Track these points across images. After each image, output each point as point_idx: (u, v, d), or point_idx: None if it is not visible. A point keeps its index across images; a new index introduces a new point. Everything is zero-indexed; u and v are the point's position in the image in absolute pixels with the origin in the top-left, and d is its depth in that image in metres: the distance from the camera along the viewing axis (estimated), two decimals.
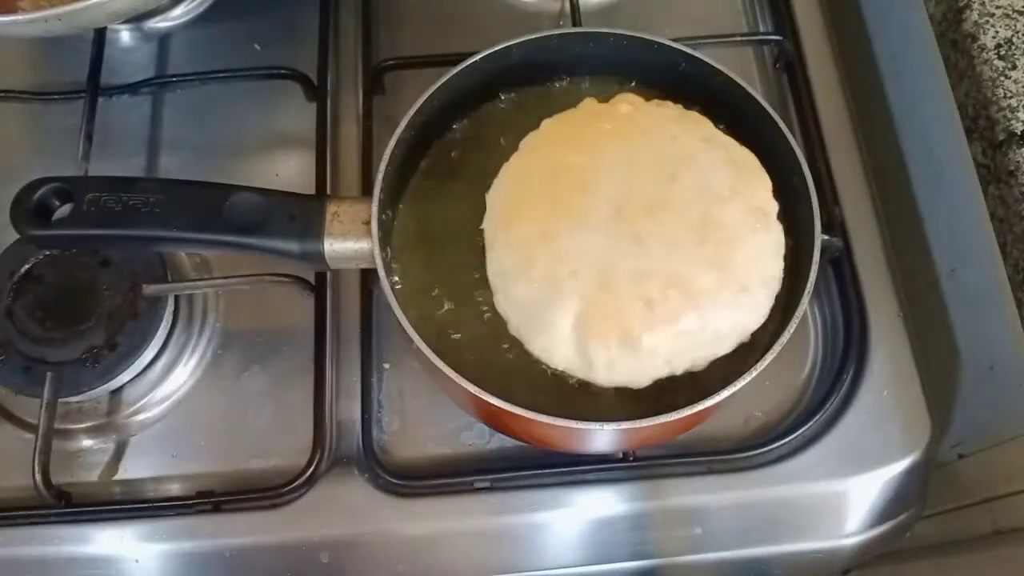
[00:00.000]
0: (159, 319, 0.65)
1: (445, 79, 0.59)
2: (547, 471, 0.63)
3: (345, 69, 0.77)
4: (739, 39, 0.78)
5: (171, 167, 0.74)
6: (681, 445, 0.63)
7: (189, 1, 0.81)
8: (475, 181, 0.61)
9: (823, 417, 0.64)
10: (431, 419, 0.65)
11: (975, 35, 0.63)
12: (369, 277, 0.66)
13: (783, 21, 0.77)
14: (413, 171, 0.62)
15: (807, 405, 0.65)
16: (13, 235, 0.56)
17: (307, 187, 0.70)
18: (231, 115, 0.76)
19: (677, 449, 0.63)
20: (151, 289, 0.65)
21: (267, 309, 0.69)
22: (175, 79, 0.77)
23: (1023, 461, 0.70)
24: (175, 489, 0.64)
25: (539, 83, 0.64)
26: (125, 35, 0.80)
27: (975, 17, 0.63)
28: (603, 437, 0.56)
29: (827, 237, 0.64)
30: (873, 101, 0.81)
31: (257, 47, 0.79)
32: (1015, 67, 0.61)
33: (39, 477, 0.61)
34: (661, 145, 0.55)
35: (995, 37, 0.62)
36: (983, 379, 0.71)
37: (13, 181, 0.56)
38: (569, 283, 0.51)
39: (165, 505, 0.62)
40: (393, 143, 0.57)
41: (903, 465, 0.64)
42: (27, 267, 0.67)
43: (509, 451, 0.64)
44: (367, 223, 0.54)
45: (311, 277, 0.67)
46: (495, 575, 0.62)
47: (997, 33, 0.62)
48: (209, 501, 0.62)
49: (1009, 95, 0.60)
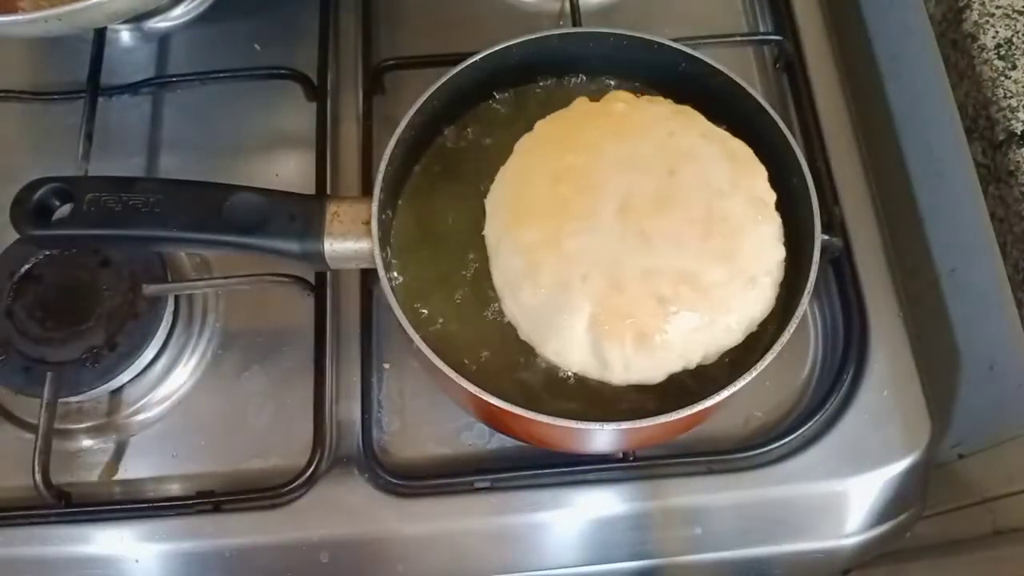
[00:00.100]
0: (159, 319, 0.66)
1: (445, 79, 0.59)
2: (547, 471, 0.63)
3: (345, 69, 0.77)
4: (739, 39, 0.78)
5: (171, 167, 0.74)
6: (681, 445, 0.63)
7: (189, 1, 0.81)
8: (475, 181, 0.61)
9: (823, 417, 0.64)
10: (431, 419, 0.65)
11: (975, 35, 0.63)
12: (369, 277, 0.66)
13: (783, 21, 0.77)
14: (413, 171, 0.62)
15: (807, 405, 0.65)
16: (13, 235, 0.56)
17: (307, 187, 0.70)
18: (231, 115, 0.76)
19: (677, 449, 0.63)
20: (151, 289, 0.65)
21: (267, 309, 0.69)
22: (175, 79, 0.77)
23: (1023, 461, 0.70)
24: (175, 489, 0.64)
25: (539, 83, 0.64)
26: (125, 35, 0.80)
27: (975, 17, 0.63)
28: (603, 437, 0.56)
29: (827, 237, 0.64)
30: (873, 101, 0.81)
31: (257, 47, 0.79)
32: (1015, 67, 0.61)
33: (39, 477, 0.61)
34: (658, 141, 0.55)
35: (995, 37, 0.62)
36: (983, 379, 0.71)
37: (13, 181, 0.56)
38: (580, 286, 0.51)
39: (165, 505, 0.62)
40: (393, 143, 0.57)
41: (903, 465, 0.64)
42: (27, 267, 0.67)
43: (509, 451, 0.64)
44: (367, 223, 0.54)
45: (311, 277, 0.67)
46: (495, 575, 0.62)
47: (997, 33, 0.62)
48: (209, 501, 0.62)
49: (1009, 95, 0.60)
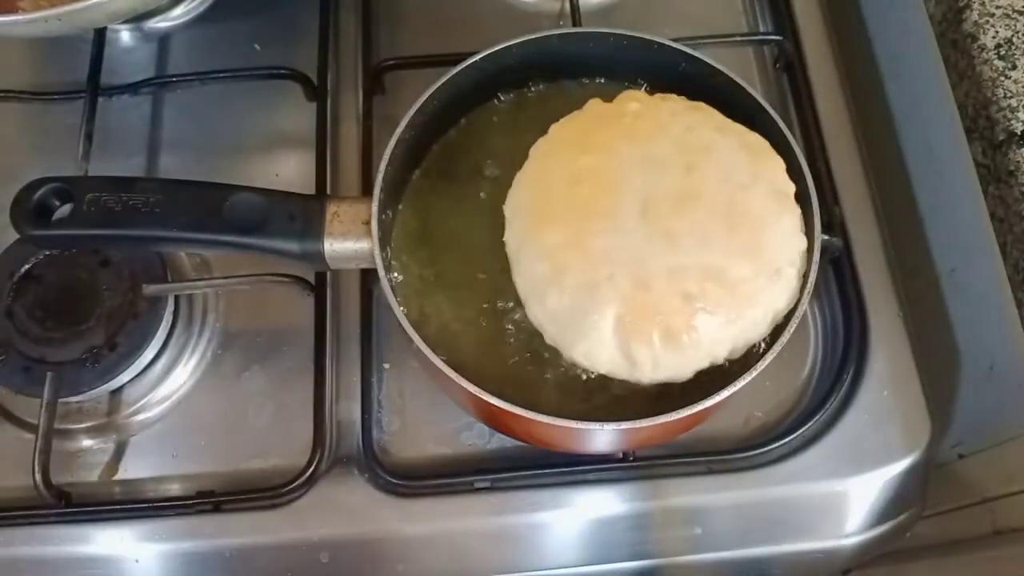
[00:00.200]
0: (159, 319, 0.66)
1: (445, 79, 0.59)
2: (547, 471, 0.63)
3: (345, 69, 0.77)
4: (739, 39, 0.78)
5: (171, 167, 0.74)
6: (681, 445, 0.63)
7: (189, 1, 0.81)
8: (476, 180, 0.61)
9: (823, 417, 0.64)
10: (431, 419, 0.65)
11: (975, 35, 0.63)
12: (369, 277, 0.66)
13: (783, 21, 0.77)
14: (413, 171, 0.62)
15: (807, 405, 0.65)
16: (13, 235, 0.56)
17: (307, 187, 0.70)
18: (231, 115, 0.76)
19: (677, 449, 0.63)
20: (151, 289, 0.65)
21: (267, 309, 0.69)
22: (175, 79, 0.77)
23: (1023, 461, 0.70)
24: (175, 489, 0.64)
25: (539, 83, 0.64)
26: (125, 35, 0.80)
27: (975, 17, 0.63)
28: (603, 437, 0.56)
29: (827, 237, 0.64)
30: (873, 101, 0.81)
31: (257, 47, 0.79)
32: (1015, 67, 0.61)
33: (39, 477, 0.61)
34: (676, 138, 0.55)
35: (995, 37, 0.62)
36: (983, 379, 0.71)
37: (13, 181, 0.56)
38: (607, 287, 0.51)
39: (165, 505, 0.62)
40: (393, 143, 0.57)
41: (903, 465, 0.64)
42: (27, 267, 0.67)
43: (509, 451, 0.64)
44: (367, 223, 0.54)
45: (311, 277, 0.67)
46: (495, 575, 0.62)
47: (997, 33, 0.62)
48: (209, 501, 0.62)
49: (1009, 95, 0.60)
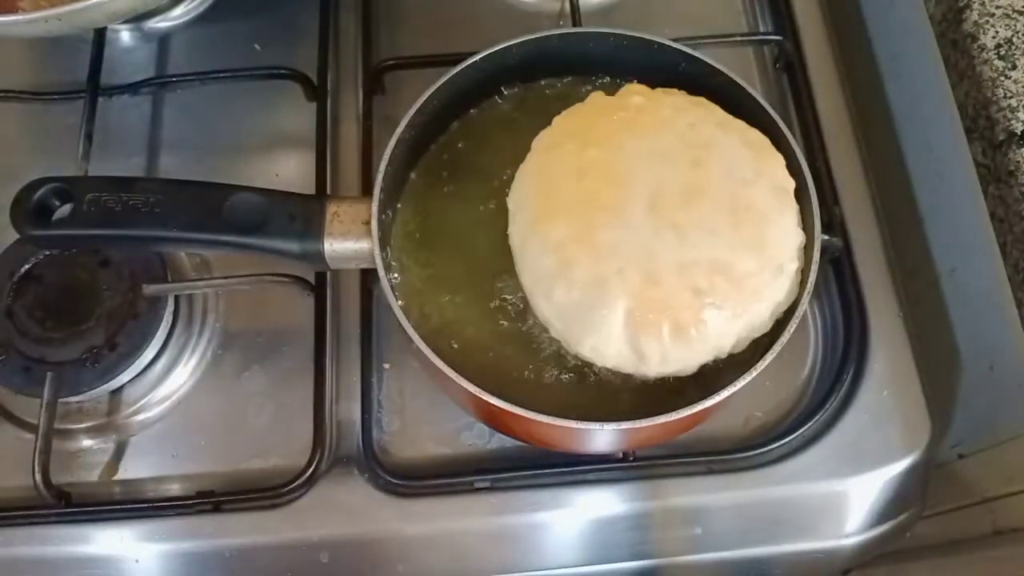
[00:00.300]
0: (159, 319, 0.65)
1: (445, 79, 0.59)
2: (547, 471, 0.63)
3: (345, 69, 0.77)
4: (739, 39, 0.78)
5: (171, 167, 0.74)
6: (681, 445, 0.63)
7: (189, 1, 0.81)
8: (476, 180, 0.61)
9: (823, 417, 0.64)
10: (431, 419, 0.65)
11: (975, 35, 0.63)
12: (369, 277, 0.66)
13: (783, 21, 0.77)
14: (413, 171, 0.62)
15: (807, 405, 0.65)
16: (13, 235, 0.56)
17: (307, 187, 0.70)
18: (231, 115, 0.76)
19: (677, 449, 0.63)
20: (151, 289, 0.65)
21: (267, 309, 0.69)
22: (175, 79, 0.77)
23: (1023, 461, 0.70)
24: (175, 489, 0.64)
25: (539, 83, 0.64)
26: (125, 35, 0.80)
27: (975, 17, 0.63)
28: (603, 437, 0.56)
29: (827, 237, 0.64)
30: (873, 101, 0.81)
31: (257, 47, 0.79)
32: (1015, 67, 0.61)
33: (39, 477, 0.61)
34: (680, 133, 0.55)
35: (995, 37, 0.62)
36: (983, 379, 0.71)
37: (13, 181, 0.56)
38: (617, 281, 0.51)
39: (165, 505, 0.62)
40: (393, 143, 0.57)
41: (903, 465, 0.64)
42: (27, 267, 0.67)
43: (509, 451, 0.64)
44: (367, 223, 0.54)
45: (311, 277, 0.67)
46: (495, 575, 0.62)
47: (997, 33, 0.62)
48: (209, 501, 0.62)
49: (1009, 95, 0.60)
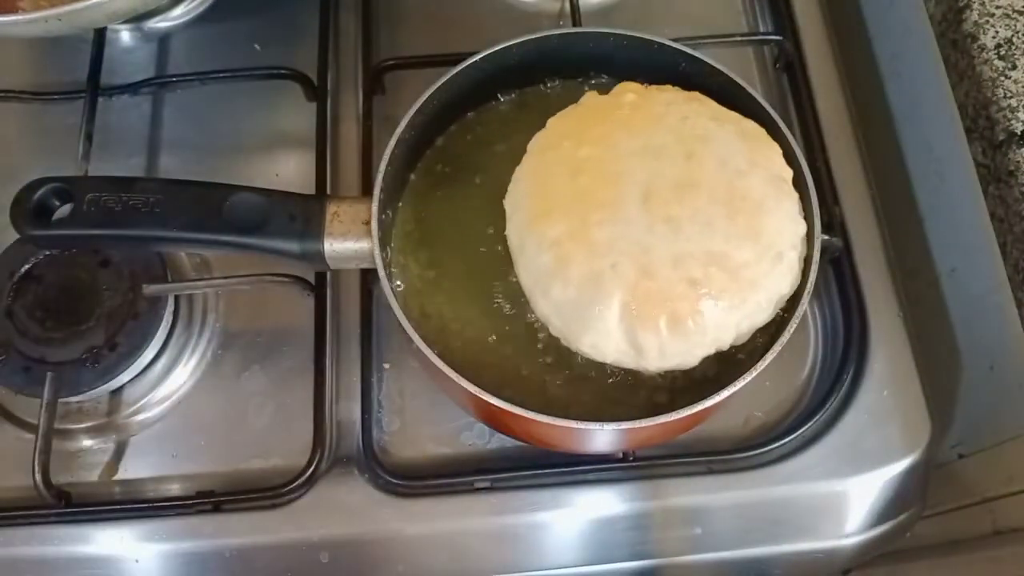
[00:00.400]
0: (159, 319, 0.65)
1: (445, 79, 0.59)
2: (547, 471, 0.63)
3: (345, 69, 0.77)
4: (739, 39, 0.78)
5: (171, 167, 0.74)
6: (681, 445, 0.63)
7: (189, 1, 0.81)
8: (476, 180, 0.61)
9: (823, 417, 0.64)
10: (431, 419, 0.65)
11: (975, 35, 0.63)
12: (369, 277, 0.66)
13: (783, 21, 0.77)
14: (413, 171, 0.62)
15: (807, 405, 0.65)
16: (13, 235, 0.56)
17: (307, 187, 0.70)
18: (231, 115, 0.76)
19: (677, 449, 0.63)
20: (151, 289, 0.65)
21: (267, 309, 0.69)
22: (175, 79, 0.77)
23: (1023, 461, 0.70)
24: (175, 489, 0.64)
25: (539, 83, 0.64)
26: (125, 35, 0.80)
27: (975, 17, 0.63)
28: (603, 437, 0.56)
29: (827, 237, 0.64)
30: (873, 101, 0.81)
31: (257, 47, 0.79)
32: (1015, 67, 0.61)
33: (39, 477, 0.61)
34: (672, 128, 0.55)
35: (995, 37, 0.62)
36: (983, 379, 0.71)
37: (13, 181, 0.56)
38: (611, 276, 0.51)
39: (165, 505, 0.62)
40: (393, 143, 0.57)
41: (903, 465, 0.64)
42: (27, 267, 0.67)
43: (509, 451, 0.64)
44: (367, 223, 0.54)
45: (311, 277, 0.67)
46: (495, 575, 0.62)
47: (997, 33, 0.62)
48: (209, 501, 0.62)
49: (1009, 95, 0.60)
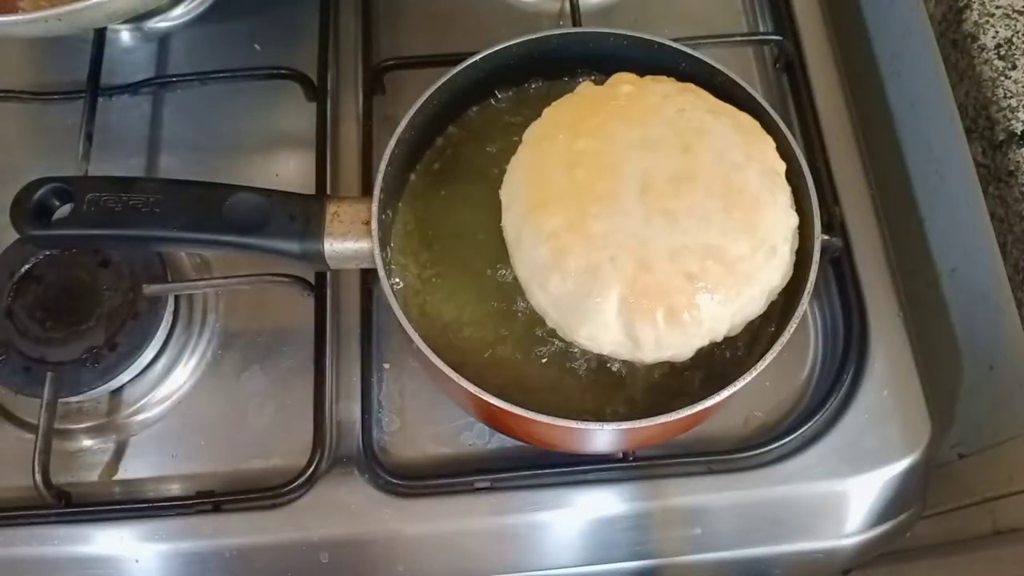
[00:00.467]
0: (159, 319, 0.65)
1: (445, 79, 0.59)
2: (547, 471, 0.63)
3: (345, 69, 0.77)
4: (739, 39, 0.78)
5: (171, 167, 0.74)
6: (681, 445, 0.63)
7: (189, 1, 0.81)
8: (475, 180, 0.61)
9: (823, 417, 0.64)
10: (431, 419, 0.65)
11: (975, 35, 0.63)
12: (369, 277, 0.66)
13: (783, 21, 0.77)
14: (413, 171, 0.62)
15: (807, 405, 0.65)
16: (13, 235, 0.56)
17: (307, 187, 0.70)
18: (231, 115, 0.76)
19: (677, 449, 0.63)
20: (151, 289, 0.65)
21: (267, 309, 0.69)
22: (175, 79, 0.77)
23: (1023, 461, 0.70)
24: (175, 489, 0.64)
25: (539, 83, 0.64)
26: (125, 35, 0.80)
27: (975, 17, 0.63)
28: (603, 437, 0.56)
29: (827, 237, 0.64)
30: (873, 101, 0.81)
31: (257, 47, 0.79)
32: (1015, 67, 0.61)
33: (39, 477, 0.61)
34: (669, 120, 0.55)
35: (995, 37, 0.62)
36: (983, 379, 0.71)
37: (13, 181, 0.56)
38: (609, 269, 0.51)
39: (165, 505, 0.62)
40: (393, 143, 0.57)
41: (903, 465, 0.64)
42: (27, 267, 0.67)
43: (509, 451, 0.64)
44: (367, 223, 0.54)
45: (311, 277, 0.67)
46: (495, 575, 0.62)
47: (997, 33, 0.62)
48: (209, 501, 0.62)
49: (1009, 95, 0.60)
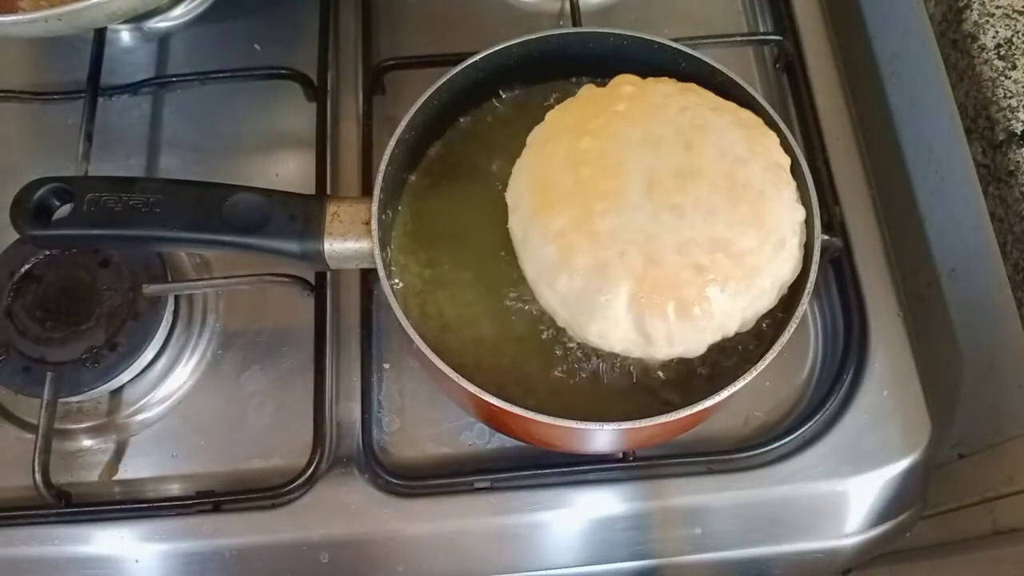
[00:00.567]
0: (159, 319, 0.65)
1: (445, 79, 0.59)
2: (547, 471, 0.63)
3: (345, 69, 0.77)
4: (739, 39, 0.78)
5: (171, 167, 0.74)
6: (681, 445, 0.63)
7: (189, 1, 0.81)
8: (476, 180, 0.61)
9: (823, 417, 0.64)
10: (431, 419, 0.65)
11: (975, 35, 0.63)
12: (369, 277, 0.66)
13: (783, 21, 0.77)
14: (413, 171, 0.62)
15: (807, 405, 0.65)
16: (13, 235, 0.56)
17: (307, 187, 0.70)
18: (231, 115, 0.76)
19: (677, 449, 0.63)
20: (151, 289, 0.65)
21: (267, 309, 0.69)
22: (175, 79, 0.77)
23: (1023, 461, 0.70)
24: (175, 489, 0.64)
25: (539, 83, 0.64)
26: (125, 35, 0.80)
27: (975, 17, 0.63)
28: (603, 437, 0.56)
29: (827, 237, 0.64)
30: (873, 101, 0.81)
31: (257, 47, 0.79)
32: (1015, 67, 0.61)
33: (39, 477, 0.61)
34: (672, 118, 0.55)
35: (995, 37, 0.62)
36: (983, 379, 0.71)
37: (13, 181, 0.56)
38: (618, 265, 0.51)
39: (165, 505, 0.62)
40: (393, 143, 0.57)
41: (903, 465, 0.64)
42: (27, 267, 0.67)
43: (509, 451, 0.64)
44: (367, 223, 0.54)
45: (311, 277, 0.67)
46: (495, 575, 0.63)
47: (997, 33, 0.62)
48: (209, 501, 0.62)
49: (1009, 95, 0.60)
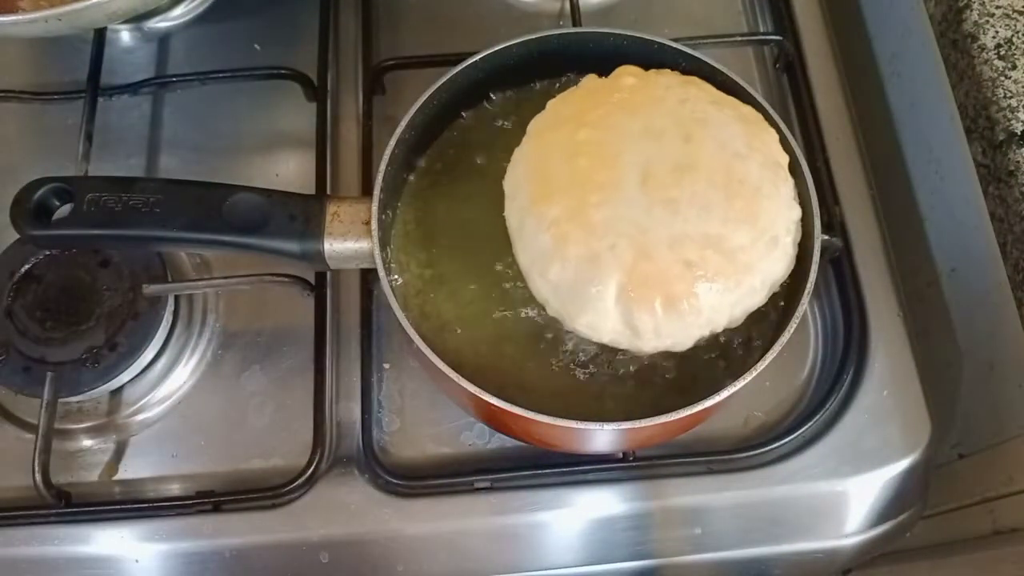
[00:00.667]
0: (159, 319, 0.65)
1: (445, 79, 0.59)
2: (547, 471, 0.63)
3: (345, 69, 0.77)
4: (739, 39, 0.78)
5: (171, 167, 0.74)
6: (681, 445, 0.63)
7: (189, 1, 0.81)
8: (476, 180, 0.61)
9: (823, 417, 0.64)
10: (431, 419, 0.65)
11: (975, 35, 0.63)
12: (369, 277, 0.66)
13: (783, 21, 0.77)
14: (413, 171, 0.62)
15: (807, 405, 0.65)
16: (13, 235, 0.56)
17: (307, 187, 0.70)
18: (231, 115, 0.76)
19: (677, 449, 0.63)
20: (151, 289, 0.65)
21: (267, 309, 0.69)
22: (175, 79, 0.77)
23: (1023, 461, 0.70)
24: (175, 489, 0.64)
25: (539, 83, 0.64)
26: (125, 35, 0.80)
27: (975, 17, 0.63)
28: (603, 437, 0.56)
29: (827, 237, 0.64)
30: (873, 101, 0.81)
31: (257, 47, 0.79)
32: (1015, 67, 0.61)
33: (39, 477, 0.61)
34: (671, 110, 0.55)
35: (995, 37, 0.62)
36: (983, 379, 0.71)
37: (13, 181, 0.56)
38: (609, 257, 0.51)
39: (165, 505, 0.62)
40: (393, 143, 0.57)
41: (903, 465, 0.64)
42: (27, 267, 0.67)
43: (509, 451, 0.64)
44: (367, 223, 0.54)
45: (311, 277, 0.67)
46: (495, 575, 0.63)
47: (997, 33, 0.62)
48: (209, 501, 0.62)
49: (1009, 95, 0.60)
